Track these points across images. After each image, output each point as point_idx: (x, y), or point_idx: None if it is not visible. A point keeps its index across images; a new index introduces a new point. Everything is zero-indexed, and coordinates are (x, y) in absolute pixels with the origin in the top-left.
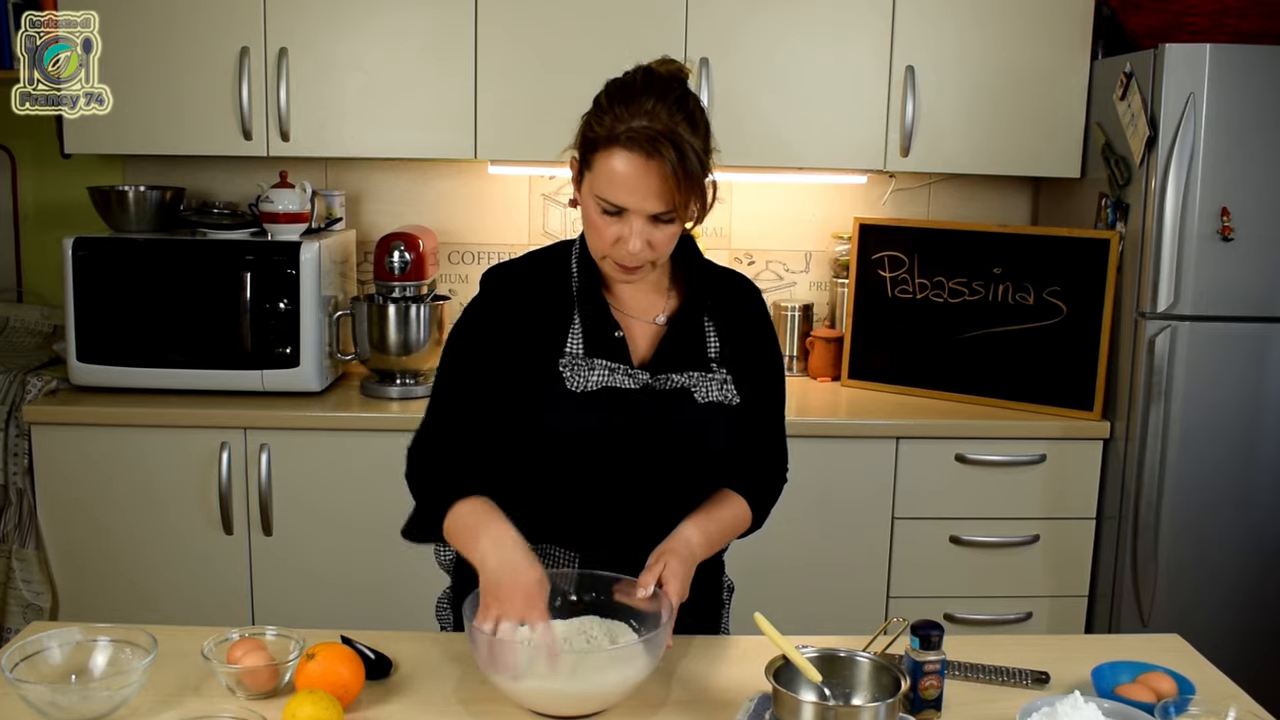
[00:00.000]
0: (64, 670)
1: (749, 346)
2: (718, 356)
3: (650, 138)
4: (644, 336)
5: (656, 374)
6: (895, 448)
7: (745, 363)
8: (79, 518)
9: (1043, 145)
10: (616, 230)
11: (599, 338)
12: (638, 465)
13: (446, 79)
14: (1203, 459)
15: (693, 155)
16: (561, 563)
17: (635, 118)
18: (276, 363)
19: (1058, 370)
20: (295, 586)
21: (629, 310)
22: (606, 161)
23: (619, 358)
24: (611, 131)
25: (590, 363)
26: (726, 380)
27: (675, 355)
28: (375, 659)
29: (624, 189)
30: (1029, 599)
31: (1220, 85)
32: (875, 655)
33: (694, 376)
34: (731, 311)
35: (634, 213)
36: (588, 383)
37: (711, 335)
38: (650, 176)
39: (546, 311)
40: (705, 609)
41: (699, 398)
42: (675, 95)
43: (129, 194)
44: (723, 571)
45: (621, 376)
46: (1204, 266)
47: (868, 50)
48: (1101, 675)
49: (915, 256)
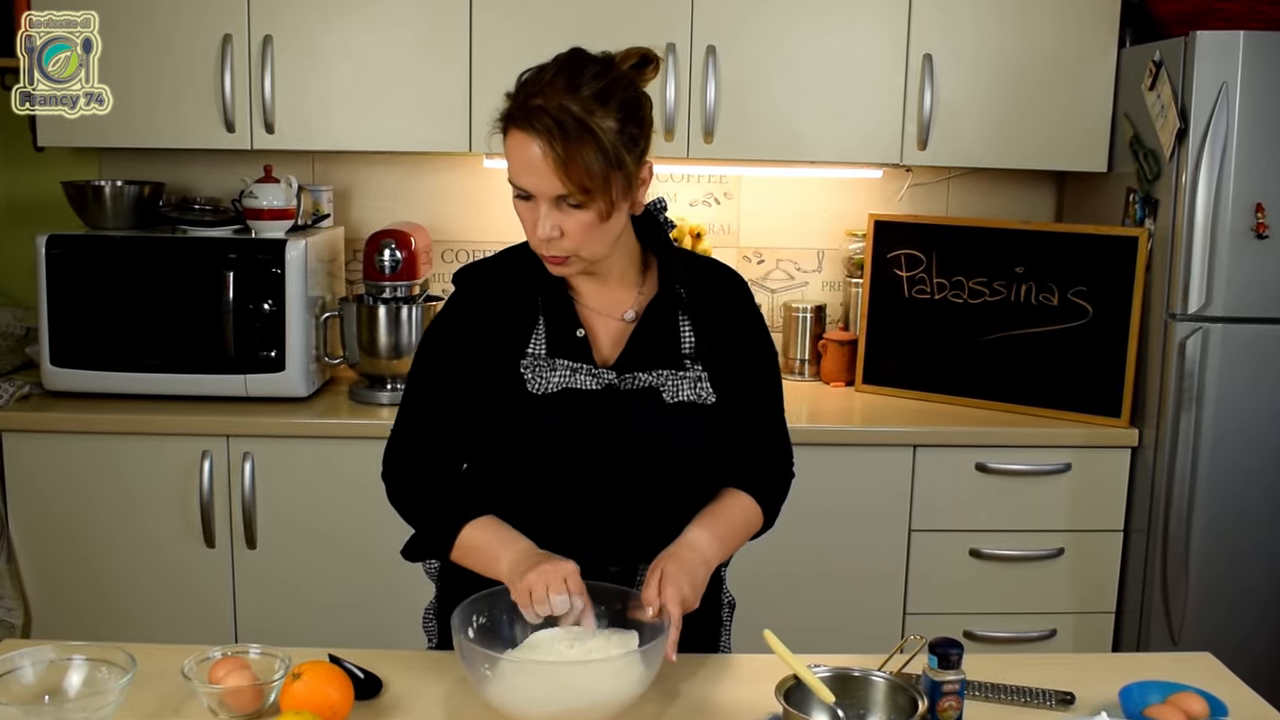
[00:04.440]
0: (37, 690)
1: (732, 340)
2: (692, 353)
3: (532, 114)
4: (610, 335)
5: (623, 373)
6: (912, 456)
7: (728, 357)
8: (53, 530)
9: (1067, 138)
10: (530, 216)
11: (561, 337)
12: (603, 468)
13: (440, 68)
14: (1236, 468)
15: (587, 135)
16: None
17: (532, 97)
18: (261, 367)
19: (1083, 375)
20: (280, 602)
21: (595, 308)
22: (507, 143)
23: (581, 357)
24: (506, 111)
25: (551, 363)
26: (701, 378)
27: (643, 353)
28: (364, 678)
29: (517, 169)
30: (1053, 615)
31: (1254, 74)
32: (891, 675)
33: (663, 375)
34: (711, 305)
35: (539, 196)
36: (548, 384)
37: (686, 331)
38: (535, 155)
39: (514, 311)
40: (703, 627)
41: (667, 397)
42: (591, 73)
43: (105, 189)
44: (722, 586)
45: (584, 377)
46: (1237, 265)
47: (883, 37)
48: (1130, 696)
49: (933, 255)
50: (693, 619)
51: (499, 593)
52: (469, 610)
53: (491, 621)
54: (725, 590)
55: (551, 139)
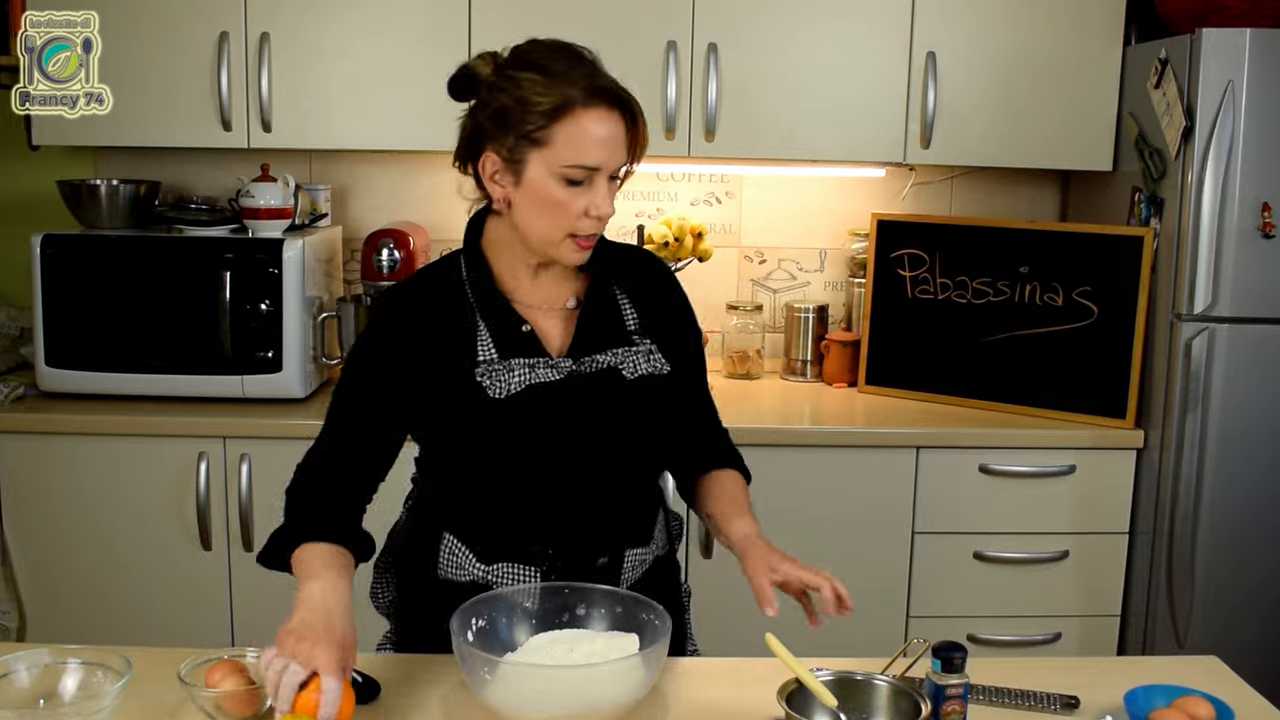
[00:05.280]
0: (32, 694)
1: (666, 314)
2: (637, 328)
3: (614, 89)
4: (555, 326)
5: (579, 359)
6: (915, 458)
7: (666, 332)
8: (48, 533)
9: (1072, 136)
10: (583, 199)
11: (508, 337)
12: (576, 457)
13: (438, 66)
14: (1242, 470)
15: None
16: (523, 581)
17: (595, 77)
18: (258, 368)
19: (1088, 376)
20: (278, 605)
21: (534, 303)
22: (573, 126)
23: (534, 353)
24: (569, 95)
25: (507, 364)
26: (653, 350)
27: (593, 336)
28: (362, 682)
29: (599, 147)
30: (1057, 619)
31: (1261, 72)
32: (894, 678)
33: (618, 353)
34: (641, 285)
35: (602, 172)
36: (509, 385)
37: (627, 309)
38: (619, 130)
39: (449, 325)
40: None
41: (627, 374)
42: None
43: (100, 188)
44: (679, 572)
45: (543, 370)
46: (1243, 265)
47: (886, 35)
48: (1135, 700)
49: (937, 255)
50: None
51: (498, 595)
52: (468, 613)
53: (491, 624)
54: (683, 578)
55: (633, 114)
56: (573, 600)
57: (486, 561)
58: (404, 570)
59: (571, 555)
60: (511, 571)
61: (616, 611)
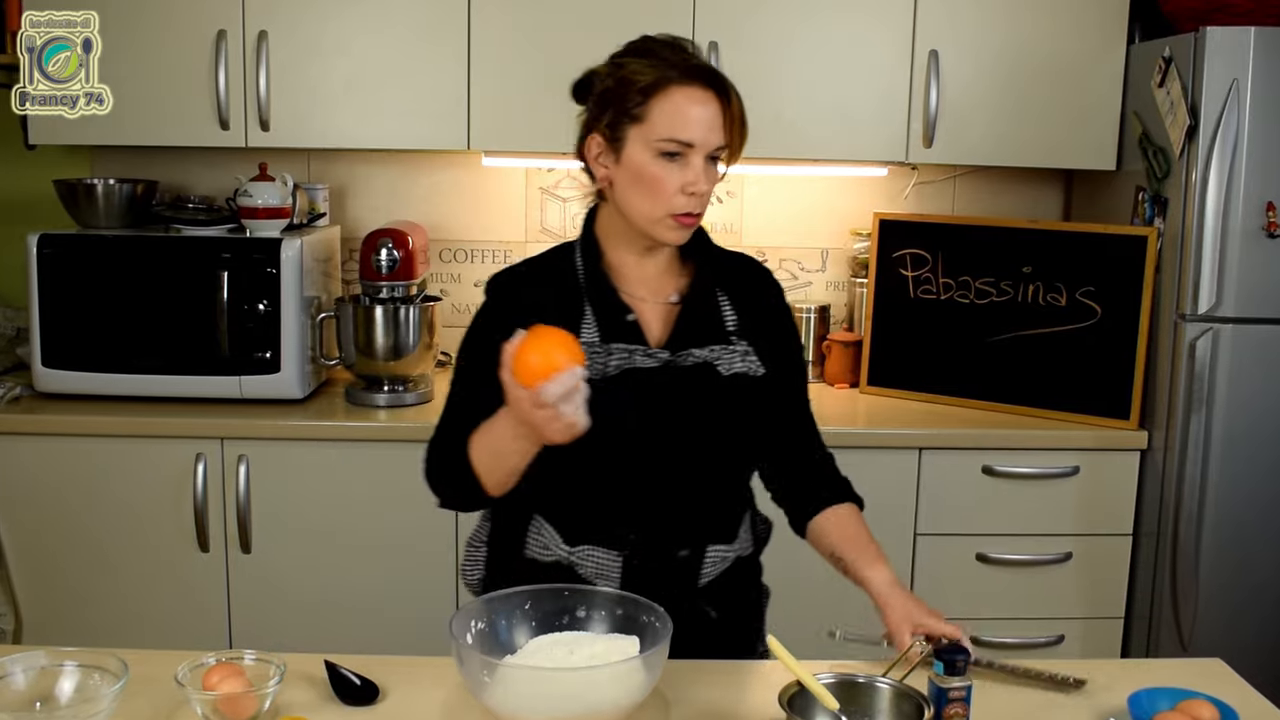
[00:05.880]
0: (28, 697)
1: (767, 322)
2: (736, 329)
3: (711, 72)
4: (658, 318)
5: (676, 351)
6: (918, 459)
7: (765, 338)
8: (44, 534)
9: (1075, 135)
10: (679, 175)
11: (612, 324)
12: (665, 446)
13: (438, 65)
14: (1247, 471)
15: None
16: (604, 565)
17: (691, 59)
18: (256, 368)
19: (1092, 376)
20: (275, 607)
21: (640, 294)
22: (668, 101)
23: (635, 340)
24: (666, 73)
25: (607, 349)
26: (749, 352)
27: (693, 331)
28: (360, 685)
29: (693, 123)
30: (1061, 621)
31: (1266, 71)
32: (896, 681)
33: (715, 350)
34: (744, 289)
35: (698, 149)
36: (606, 368)
37: (727, 310)
38: (716, 108)
39: (556, 308)
40: (751, 617)
41: (723, 370)
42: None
43: (97, 188)
44: (761, 574)
45: (640, 357)
46: (1248, 265)
47: (888, 33)
48: (1139, 702)
49: (939, 254)
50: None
51: (497, 598)
52: (467, 615)
53: (490, 627)
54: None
55: (730, 95)
56: (573, 602)
57: (571, 543)
58: (495, 548)
59: (653, 543)
60: (594, 554)
61: (617, 614)
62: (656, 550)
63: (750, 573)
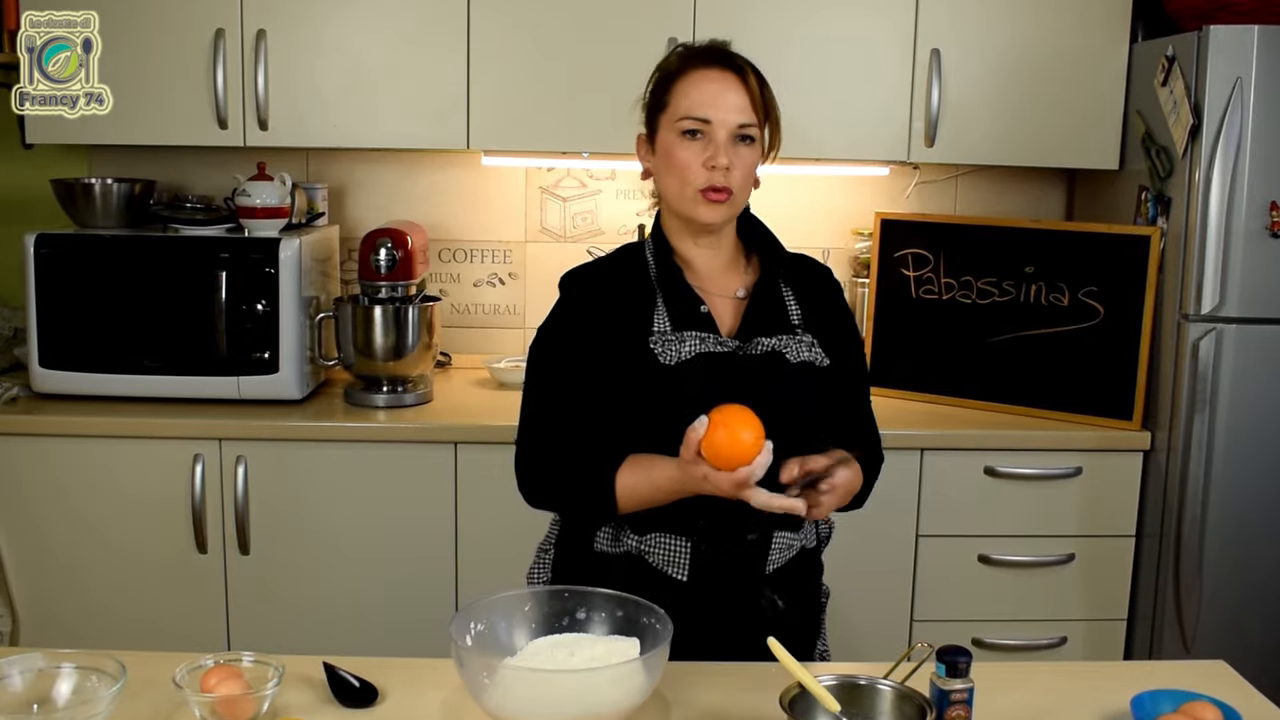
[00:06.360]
0: (25, 699)
1: (830, 317)
2: (801, 322)
3: (725, 53)
4: (727, 310)
5: (746, 340)
6: (920, 460)
7: (829, 332)
8: (42, 535)
9: (1078, 135)
10: (702, 152)
11: (685, 314)
12: None
13: (437, 64)
14: (1250, 472)
15: (766, 80)
16: (673, 553)
17: (704, 48)
18: (254, 369)
19: (1094, 377)
20: (274, 609)
21: (709, 288)
22: (685, 85)
23: (707, 329)
24: (685, 59)
25: (680, 336)
26: (814, 343)
27: (761, 322)
28: (359, 687)
29: (706, 100)
30: (1063, 623)
31: (1269, 69)
32: (898, 683)
33: (783, 339)
34: (807, 286)
35: (716, 125)
36: (680, 354)
37: (792, 304)
38: (730, 86)
39: (630, 301)
40: (814, 611)
41: (791, 358)
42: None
43: (95, 187)
44: (823, 572)
45: (713, 344)
46: (1251, 265)
47: (890, 32)
48: (1142, 705)
49: (941, 254)
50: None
51: (497, 599)
52: (467, 617)
53: (490, 628)
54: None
55: (750, 73)
56: (573, 604)
57: (640, 533)
58: (564, 546)
59: (722, 529)
60: (663, 542)
61: (617, 615)
62: (724, 535)
63: (814, 566)
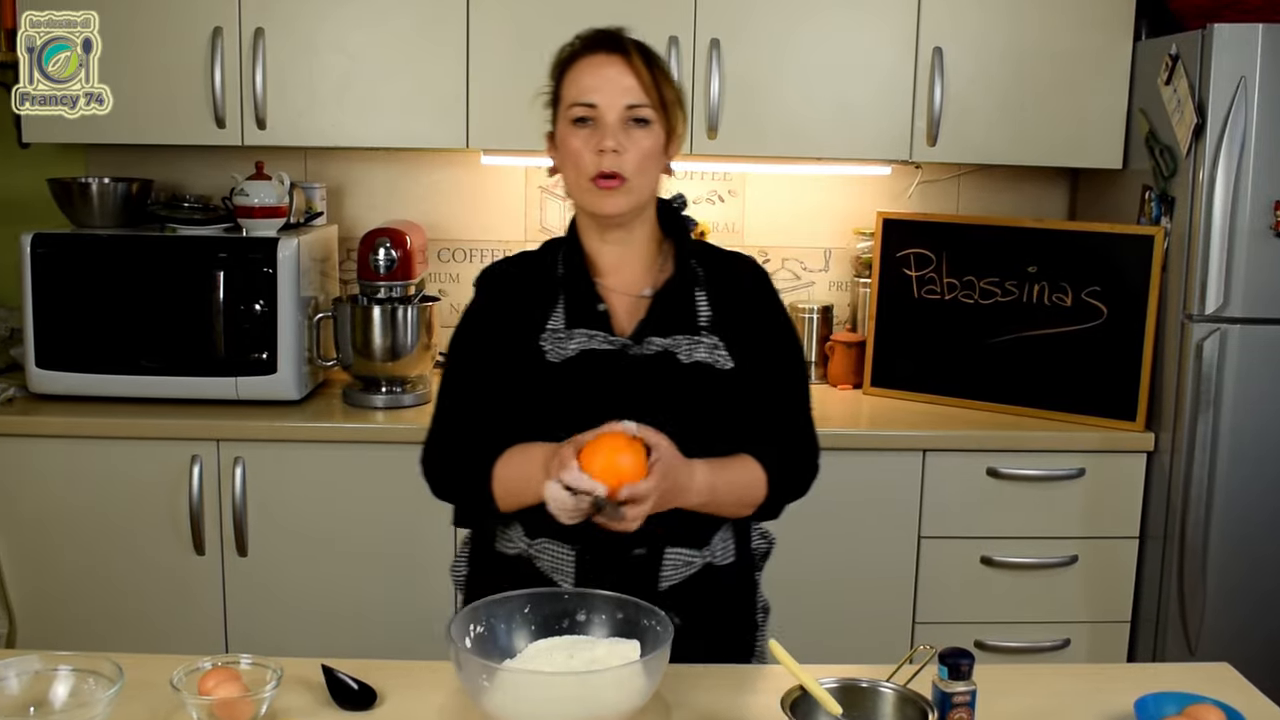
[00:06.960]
0: (22, 702)
1: (750, 319)
2: (708, 324)
3: (611, 36)
4: (629, 309)
5: (639, 339)
6: (922, 461)
7: (745, 334)
8: (39, 537)
9: (1081, 134)
10: (591, 139)
11: (581, 312)
12: None
13: (436, 63)
14: (1255, 473)
15: (662, 61)
16: (559, 559)
17: (591, 34)
18: (252, 369)
19: (1098, 377)
20: (272, 611)
21: (615, 287)
22: (574, 72)
23: (599, 327)
24: (572, 50)
25: (570, 334)
26: (718, 345)
27: (659, 323)
28: (358, 689)
29: (593, 85)
30: (1067, 625)
31: (1273, 68)
32: (900, 686)
33: (678, 340)
34: (729, 287)
35: (603, 109)
36: (565, 351)
37: (703, 305)
38: (616, 68)
39: (533, 299)
40: (739, 631)
41: (682, 359)
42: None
43: (92, 186)
44: (757, 590)
45: (600, 343)
46: (1256, 265)
47: (892, 30)
48: (1145, 707)
49: (943, 254)
50: (728, 624)
51: (497, 601)
52: (466, 619)
53: (490, 631)
54: (760, 595)
55: (635, 53)
56: (573, 606)
57: (531, 536)
58: (475, 545)
59: (607, 539)
60: (550, 547)
61: (618, 617)
62: (609, 547)
63: (730, 583)
